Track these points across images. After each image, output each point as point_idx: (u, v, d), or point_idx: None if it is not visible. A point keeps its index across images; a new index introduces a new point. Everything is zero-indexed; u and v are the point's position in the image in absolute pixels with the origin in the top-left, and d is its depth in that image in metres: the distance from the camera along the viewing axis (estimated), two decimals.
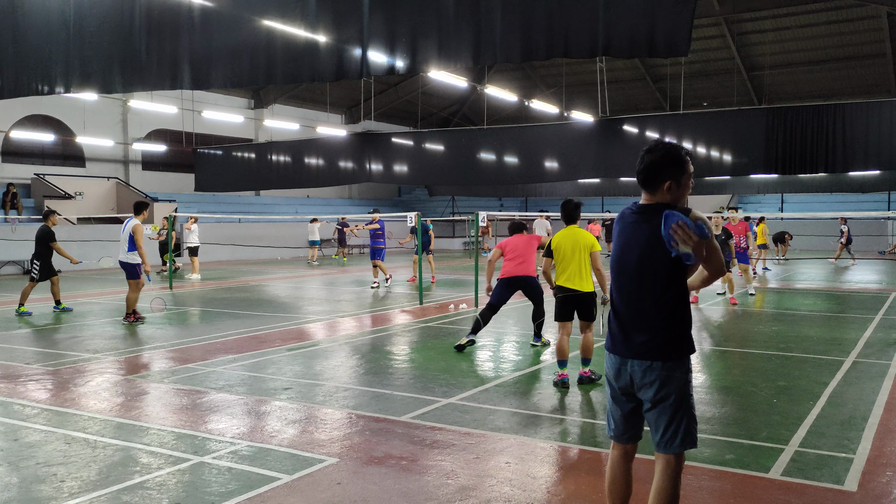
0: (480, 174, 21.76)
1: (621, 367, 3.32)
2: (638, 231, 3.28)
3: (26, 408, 6.27)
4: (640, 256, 3.26)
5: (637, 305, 3.28)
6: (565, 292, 6.95)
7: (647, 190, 3.30)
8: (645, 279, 3.25)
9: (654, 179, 3.25)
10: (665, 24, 6.98)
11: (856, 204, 32.40)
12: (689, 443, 3.25)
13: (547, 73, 36.81)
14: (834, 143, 16.08)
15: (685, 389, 3.23)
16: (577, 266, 6.88)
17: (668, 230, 3.05)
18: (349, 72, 8.40)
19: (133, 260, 11.16)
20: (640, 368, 3.24)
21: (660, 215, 3.12)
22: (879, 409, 6.08)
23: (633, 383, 3.28)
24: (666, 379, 3.20)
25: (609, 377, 3.43)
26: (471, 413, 6.04)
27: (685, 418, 3.23)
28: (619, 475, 3.48)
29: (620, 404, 3.39)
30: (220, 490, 4.34)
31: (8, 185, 24.55)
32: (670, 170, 3.23)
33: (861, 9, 27.47)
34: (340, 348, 9.14)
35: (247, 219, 29.56)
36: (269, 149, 24.54)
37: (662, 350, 3.21)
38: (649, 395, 3.24)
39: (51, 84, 9.75)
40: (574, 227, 7.01)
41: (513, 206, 39.83)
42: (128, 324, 10.95)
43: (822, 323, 11.24)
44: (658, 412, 3.24)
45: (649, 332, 3.23)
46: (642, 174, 3.28)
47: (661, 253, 3.14)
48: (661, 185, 3.24)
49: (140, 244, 11.05)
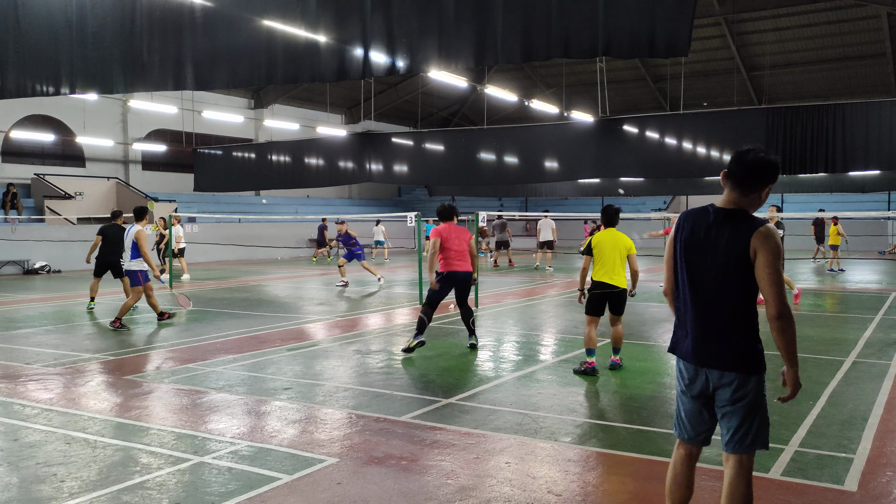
0: (480, 174, 21.76)
1: (697, 373, 3.29)
2: (719, 235, 3.19)
3: (26, 408, 6.28)
4: (721, 262, 3.17)
5: (712, 312, 3.22)
6: (602, 288, 7.47)
7: (742, 189, 3.17)
8: (722, 285, 3.18)
9: (758, 181, 3.15)
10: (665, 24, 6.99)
11: (856, 204, 32.39)
12: (759, 443, 3.23)
13: (547, 73, 36.82)
14: (834, 143, 16.08)
15: (760, 391, 3.22)
16: (613, 264, 7.46)
17: None
18: (350, 72, 8.41)
19: (138, 267, 10.89)
20: (718, 373, 3.22)
21: (745, 221, 3.11)
22: (879, 409, 6.08)
23: (710, 385, 3.26)
24: (744, 381, 3.18)
25: (681, 380, 3.39)
26: (471, 413, 6.04)
27: (758, 419, 3.22)
28: (680, 476, 3.46)
29: (691, 405, 3.38)
30: (220, 490, 4.34)
31: (8, 185, 24.55)
32: (774, 175, 3.19)
33: (861, 9, 27.48)
34: (340, 348, 9.14)
35: (247, 219, 29.56)
36: (269, 149, 24.55)
37: (739, 361, 3.18)
38: (726, 396, 3.22)
39: (52, 85, 9.76)
40: (613, 230, 7.63)
41: (513, 205, 39.85)
42: (113, 329, 10.48)
43: (822, 323, 11.24)
44: (732, 412, 3.21)
45: (727, 341, 3.20)
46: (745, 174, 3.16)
47: (743, 260, 3.11)
48: (762, 188, 3.16)
49: (145, 250, 10.76)
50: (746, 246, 3.09)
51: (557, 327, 10.99)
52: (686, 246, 3.28)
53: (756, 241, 3.07)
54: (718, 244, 3.17)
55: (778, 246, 3.08)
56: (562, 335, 10.05)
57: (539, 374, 7.64)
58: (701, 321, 3.25)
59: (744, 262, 3.11)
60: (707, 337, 3.24)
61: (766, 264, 3.05)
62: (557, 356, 8.63)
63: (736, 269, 3.14)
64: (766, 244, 3.06)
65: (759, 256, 3.06)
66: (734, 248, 3.12)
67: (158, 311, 11.22)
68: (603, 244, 7.50)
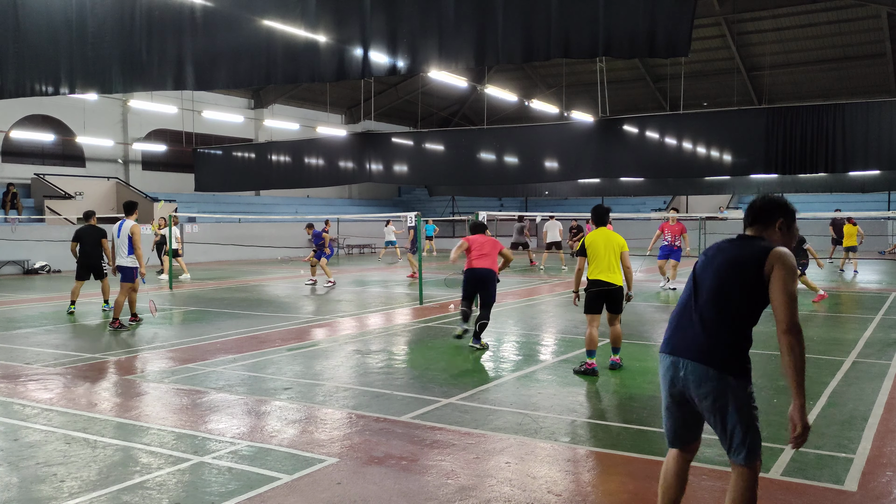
0: (480, 174, 21.75)
1: (677, 369, 3.35)
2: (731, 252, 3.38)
3: (26, 408, 6.28)
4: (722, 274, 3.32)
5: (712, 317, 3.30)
6: (598, 286, 7.52)
7: (754, 226, 3.44)
8: (720, 296, 3.30)
9: (767, 218, 3.41)
10: (665, 24, 6.98)
11: (856, 204, 32.38)
12: (753, 457, 3.25)
13: (547, 73, 36.81)
14: (834, 143, 16.07)
15: (746, 398, 3.24)
16: (608, 262, 7.52)
17: None
18: (350, 72, 8.40)
19: (132, 263, 10.80)
20: (694, 367, 3.27)
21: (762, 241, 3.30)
22: (879, 409, 6.08)
23: (689, 384, 3.31)
24: (724, 381, 3.22)
25: (664, 383, 3.47)
26: (471, 413, 6.04)
27: (750, 431, 3.23)
28: (672, 477, 3.53)
29: (676, 411, 3.46)
30: (220, 490, 4.34)
31: (8, 185, 24.55)
32: (783, 211, 3.40)
33: (861, 9, 27.48)
34: (340, 348, 9.14)
35: (247, 219, 29.56)
36: (269, 149, 24.54)
37: (718, 361, 3.23)
38: (708, 397, 3.26)
39: (52, 84, 9.75)
40: (604, 229, 7.68)
41: (513, 206, 39.83)
42: (113, 330, 10.40)
43: (822, 323, 11.24)
44: (718, 415, 3.27)
45: (711, 339, 3.27)
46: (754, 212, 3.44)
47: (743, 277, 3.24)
48: (774, 223, 3.38)
49: (138, 246, 10.66)
50: (762, 262, 3.21)
51: (557, 327, 10.99)
52: (704, 263, 3.46)
53: (773, 260, 3.20)
54: (732, 257, 3.34)
55: (794, 267, 3.21)
56: (562, 335, 10.05)
57: (539, 374, 7.64)
58: (700, 323, 3.31)
59: (755, 277, 3.22)
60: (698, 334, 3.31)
61: (780, 282, 3.16)
62: (557, 356, 8.63)
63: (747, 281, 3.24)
64: (783, 263, 3.18)
65: (774, 274, 3.17)
66: (750, 261, 3.25)
67: (133, 312, 11.01)
68: (596, 243, 7.55)
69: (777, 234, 3.39)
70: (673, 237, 15.56)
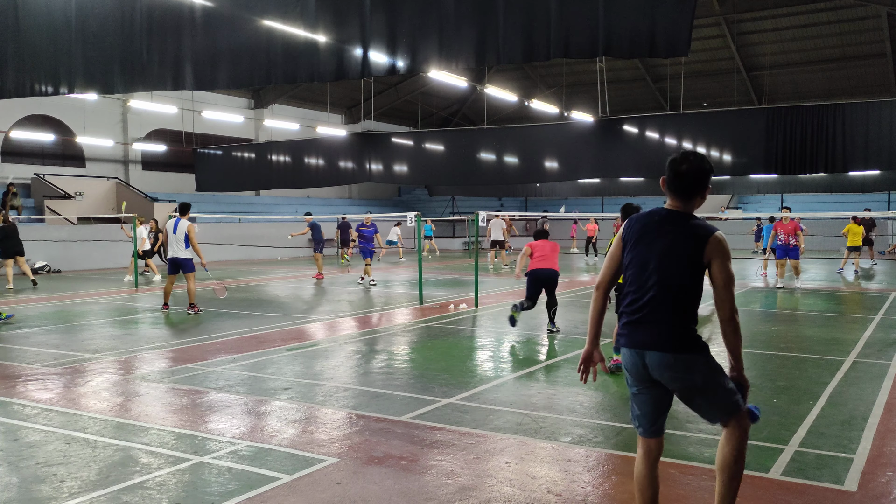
0: (480, 174, 21.77)
1: (640, 359, 3.39)
2: (665, 233, 3.39)
3: (26, 408, 6.28)
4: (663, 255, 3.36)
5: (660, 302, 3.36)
6: None
7: (682, 198, 3.41)
8: (665, 277, 3.35)
9: (695, 190, 3.40)
10: (665, 24, 6.99)
11: (856, 204, 32.38)
12: (733, 407, 3.34)
13: (547, 73, 36.82)
14: (834, 143, 16.09)
15: (712, 366, 3.34)
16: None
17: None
18: (349, 72, 8.41)
19: (190, 255, 12.16)
20: (659, 362, 3.33)
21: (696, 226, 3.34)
22: (879, 409, 6.08)
23: (650, 369, 3.37)
24: (690, 361, 3.31)
25: (628, 375, 3.50)
26: (471, 413, 6.04)
27: (719, 390, 3.33)
28: (644, 473, 3.55)
29: (644, 397, 3.48)
30: (220, 490, 4.34)
31: (8, 185, 24.55)
32: (707, 181, 3.41)
33: (861, 9, 27.49)
34: (340, 348, 9.14)
35: (247, 219, 29.56)
36: (269, 149, 24.55)
37: (674, 343, 3.31)
38: (675, 380, 3.35)
39: (52, 84, 9.76)
40: None
41: (513, 205, 39.85)
42: (193, 314, 11.84)
43: (822, 323, 11.24)
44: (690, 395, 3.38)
45: (666, 325, 3.34)
46: (685, 183, 3.39)
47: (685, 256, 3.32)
48: (698, 195, 3.40)
49: (194, 241, 12.08)
50: (701, 250, 3.29)
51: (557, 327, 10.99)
52: (637, 244, 3.45)
53: (711, 249, 3.29)
54: (668, 242, 3.37)
55: (729, 252, 3.32)
56: (562, 335, 10.05)
57: (539, 374, 7.64)
58: (649, 309, 3.37)
59: (694, 262, 3.31)
60: (652, 322, 3.37)
61: (721, 269, 3.28)
62: (557, 356, 8.63)
63: (686, 266, 3.32)
64: (720, 251, 3.29)
65: (714, 263, 3.28)
66: (686, 247, 3.32)
67: (192, 301, 12.14)
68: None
69: (700, 205, 3.46)
70: (786, 236, 15.64)
